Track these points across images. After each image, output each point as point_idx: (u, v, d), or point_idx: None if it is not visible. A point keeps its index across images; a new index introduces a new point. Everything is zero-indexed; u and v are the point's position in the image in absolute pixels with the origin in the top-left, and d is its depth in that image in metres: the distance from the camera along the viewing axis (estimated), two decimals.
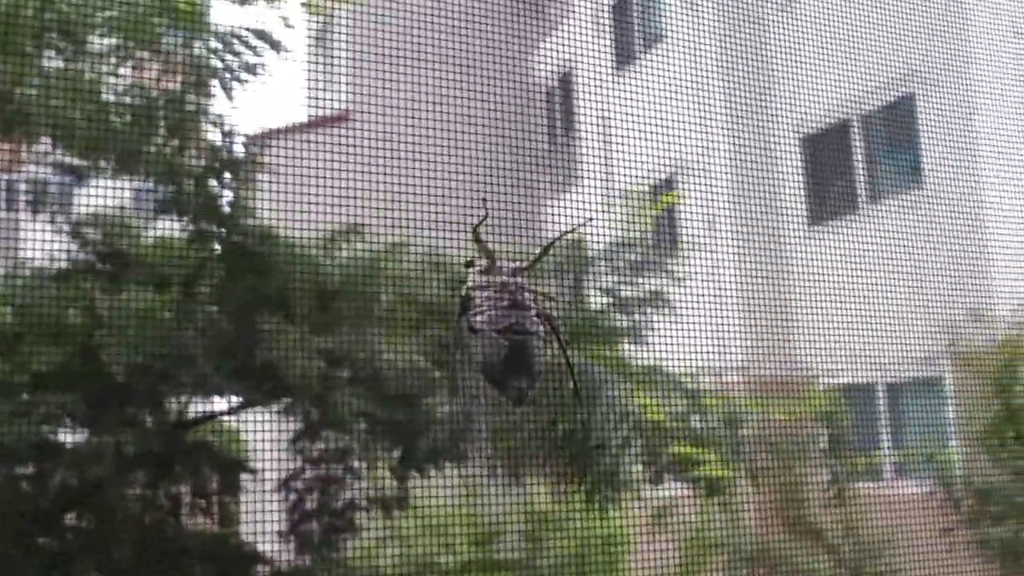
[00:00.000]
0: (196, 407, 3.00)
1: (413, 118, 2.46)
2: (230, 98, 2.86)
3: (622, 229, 3.14)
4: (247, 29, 2.86)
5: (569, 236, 2.75)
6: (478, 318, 1.39)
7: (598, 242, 2.98)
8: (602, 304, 3.06)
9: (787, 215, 2.99)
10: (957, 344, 3.26)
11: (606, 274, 3.06)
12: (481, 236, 1.43)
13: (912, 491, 3.25)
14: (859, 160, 4.43)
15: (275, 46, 2.89)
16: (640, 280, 3.06)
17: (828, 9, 2.98)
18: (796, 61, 2.90)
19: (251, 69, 2.86)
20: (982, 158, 3.46)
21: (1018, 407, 3.40)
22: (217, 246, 2.85)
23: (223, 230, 2.82)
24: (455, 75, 2.44)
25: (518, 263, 1.41)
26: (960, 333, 3.24)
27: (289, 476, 2.93)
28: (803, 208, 3.38)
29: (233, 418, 3.09)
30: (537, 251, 1.49)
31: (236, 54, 2.82)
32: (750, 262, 2.96)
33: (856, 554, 3.31)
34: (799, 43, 2.91)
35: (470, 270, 1.44)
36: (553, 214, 2.49)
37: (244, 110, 2.88)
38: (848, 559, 3.35)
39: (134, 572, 2.73)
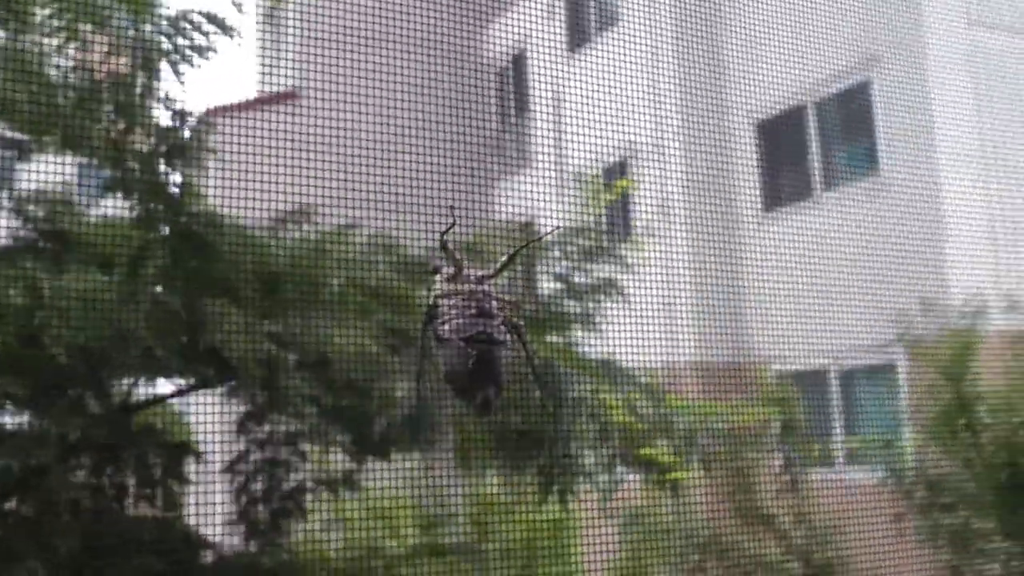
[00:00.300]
0: (141, 391, 2.97)
1: (363, 98, 2.44)
2: (179, 80, 2.82)
3: (575, 214, 3.14)
4: (198, 12, 2.83)
5: (536, 243, 2.74)
6: (444, 327, 1.38)
7: (551, 227, 2.97)
8: (554, 290, 3.06)
9: (741, 201, 2.99)
10: (910, 332, 3.28)
11: (558, 260, 3.06)
12: (448, 243, 1.42)
13: (863, 479, 3.27)
14: (814, 147, 4.45)
15: (226, 30, 2.86)
16: (592, 266, 3.06)
17: None
18: (751, 46, 2.90)
19: (201, 51, 2.83)
20: (937, 147, 3.49)
21: (969, 397, 3.43)
22: (164, 228, 2.82)
23: (170, 212, 2.78)
24: (406, 54, 2.43)
25: (484, 270, 1.40)
26: (913, 321, 3.26)
27: (235, 459, 2.91)
28: (757, 194, 3.38)
29: (179, 401, 3.07)
30: (502, 257, 1.48)
31: (186, 36, 2.79)
32: (703, 248, 2.96)
33: (806, 541, 3.33)
34: (754, 28, 2.91)
35: (436, 277, 1.43)
36: (504, 196, 2.48)
37: (193, 91, 2.84)
38: (798, 546, 3.37)
39: (77, 560, 2.69)
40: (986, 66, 3.63)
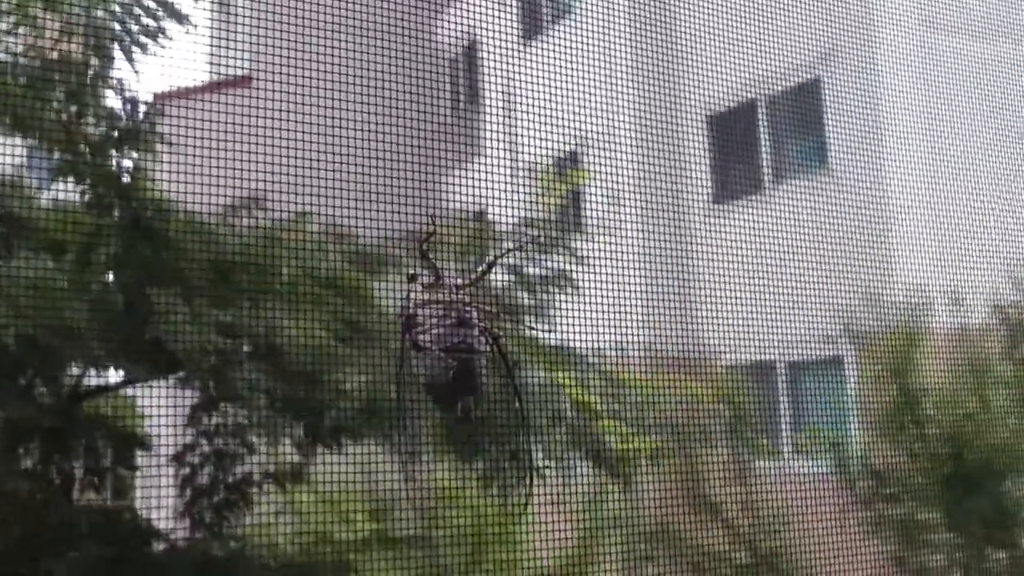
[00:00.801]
0: (90, 379, 2.97)
1: (315, 86, 2.46)
2: (132, 65, 2.83)
3: (528, 206, 3.18)
4: None
5: (516, 251, 2.76)
6: (423, 336, 1.40)
7: (503, 219, 3.01)
8: (506, 281, 3.09)
9: (692, 193, 3.05)
10: (857, 326, 3.35)
11: (511, 251, 3.09)
12: (427, 252, 1.43)
13: (810, 470, 3.34)
14: (765, 141, 4.52)
15: (178, 18, 2.87)
16: (545, 258, 3.09)
17: None
18: (705, 40, 2.96)
19: (153, 35, 2.83)
20: (886, 144, 3.57)
21: (915, 390, 3.51)
22: (115, 215, 2.82)
23: (120, 199, 2.79)
24: (359, 42, 2.46)
25: (462, 279, 1.41)
26: (860, 315, 3.33)
27: (183, 449, 2.92)
28: (708, 187, 3.44)
29: (129, 390, 3.07)
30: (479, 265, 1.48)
31: (138, 21, 2.80)
32: (654, 239, 3.01)
33: (753, 532, 3.39)
34: (708, 22, 2.97)
35: (412, 285, 1.44)
36: (454, 185, 2.52)
37: (145, 76, 2.86)
38: (745, 536, 3.43)
39: (22, 551, 2.70)
40: (937, 67, 3.71)
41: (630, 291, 3.07)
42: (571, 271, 3.00)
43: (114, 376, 3.01)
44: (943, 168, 3.56)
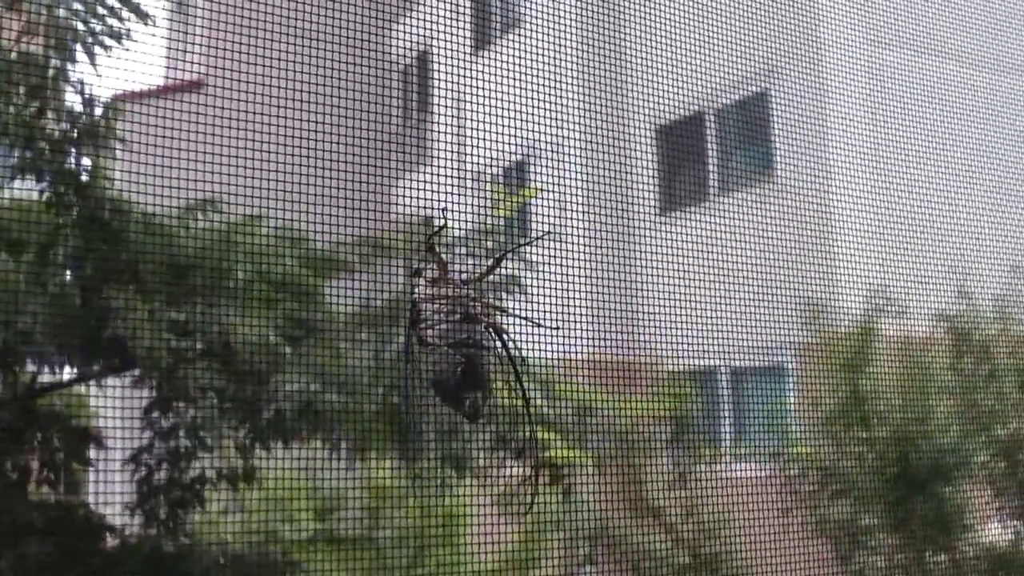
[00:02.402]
0: (46, 376, 3.06)
1: (268, 90, 2.56)
2: (93, 64, 2.91)
3: (479, 215, 3.29)
4: None
5: (523, 248, 2.81)
6: (429, 332, 1.43)
7: (454, 226, 3.13)
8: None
9: (639, 203, 3.17)
10: (802, 333, 3.49)
11: (463, 258, 3.20)
12: (435, 246, 1.47)
13: (753, 473, 3.47)
14: (712, 152, 4.66)
15: (141, 16, 2.96)
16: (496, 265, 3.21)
17: (686, 2, 3.19)
18: (653, 51, 3.09)
19: (116, 35, 2.91)
20: (832, 155, 3.72)
21: (862, 395, 3.65)
22: (74, 213, 2.91)
23: (79, 197, 2.88)
24: (313, 48, 2.56)
25: (468, 273, 1.46)
26: (805, 322, 3.47)
27: (138, 450, 3.02)
28: (655, 196, 3.57)
29: (83, 388, 3.16)
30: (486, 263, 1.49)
31: (101, 19, 2.88)
32: (601, 248, 3.13)
33: (696, 534, 3.52)
34: (657, 34, 3.10)
35: (417, 280, 1.48)
36: (404, 193, 2.64)
37: (104, 76, 2.94)
38: (687, 539, 3.56)
39: None
40: (882, 80, 3.86)
41: (576, 298, 3.19)
42: (520, 276, 3.12)
43: (70, 373, 3.10)
44: (888, 179, 3.71)
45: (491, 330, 1.47)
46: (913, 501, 3.62)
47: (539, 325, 2.10)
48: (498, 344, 1.48)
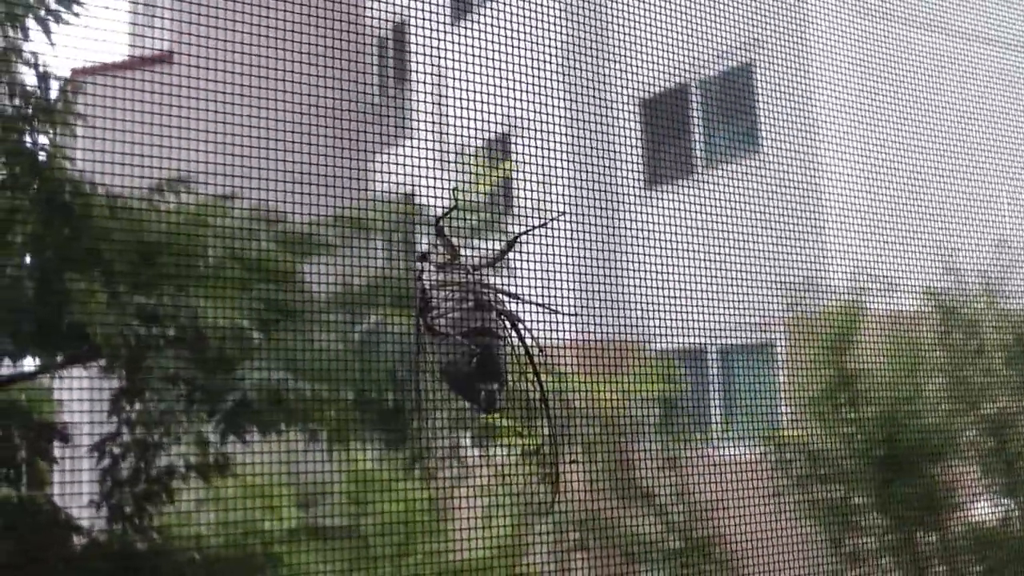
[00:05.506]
0: (5, 368, 2.99)
1: (239, 64, 2.50)
2: (48, 38, 2.84)
3: (459, 190, 3.24)
4: None
5: (533, 231, 2.80)
6: (441, 320, 1.39)
7: (432, 200, 3.08)
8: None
9: (623, 177, 3.14)
10: (790, 310, 3.47)
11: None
12: (444, 230, 1.42)
13: (742, 455, 3.45)
14: (697, 125, 4.64)
15: None
16: (477, 242, 3.17)
17: None
18: (637, 23, 3.05)
19: (69, 5, 2.84)
20: (819, 127, 3.70)
21: (850, 373, 3.65)
22: (31, 195, 2.84)
23: (36, 179, 2.81)
24: (286, 19, 2.50)
25: (479, 259, 1.41)
26: (793, 299, 3.46)
27: (102, 440, 2.95)
28: (640, 171, 3.54)
29: (46, 380, 3.09)
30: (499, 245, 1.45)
31: None
32: (585, 222, 3.10)
33: (686, 517, 3.50)
34: (640, 4, 3.06)
35: (424, 265, 1.43)
36: (381, 167, 2.58)
37: (61, 50, 2.87)
38: (677, 523, 3.54)
39: None
40: (870, 52, 3.85)
41: (560, 275, 3.15)
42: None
43: (31, 364, 3.03)
44: (876, 152, 3.70)
45: (504, 318, 1.43)
46: (902, 481, 3.62)
47: (554, 311, 2.04)
48: (512, 333, 1.44)
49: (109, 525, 2.96)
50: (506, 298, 1.46)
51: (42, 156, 2.83)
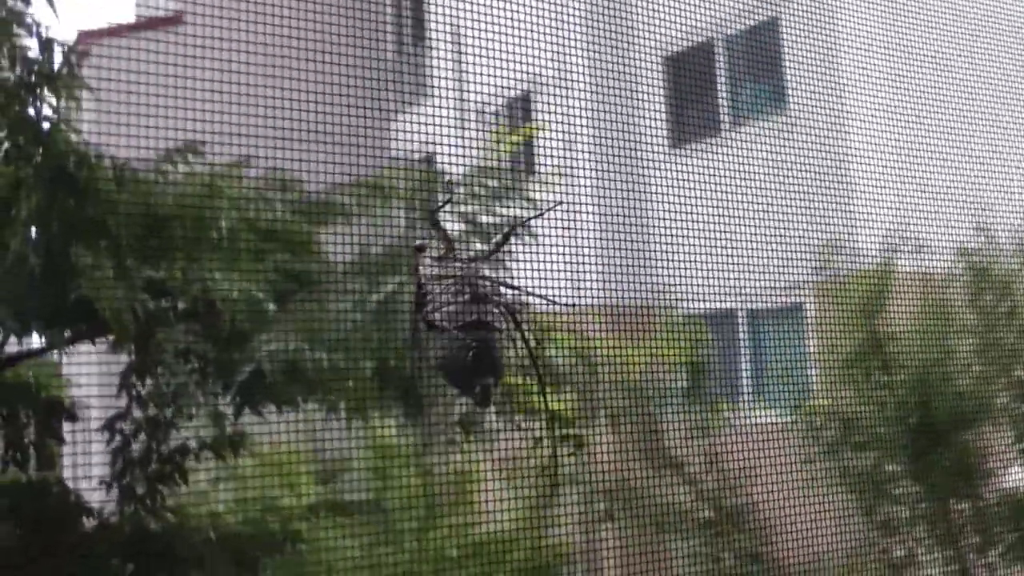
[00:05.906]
0: (13, 346, 2.93)
1: (252, 25, 2.42)
2: (51, 4, 2.76)
3: (479, 153, 3.16)
4: None
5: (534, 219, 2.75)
6: (437, 314, 1.35)
7: (453, 165, 3.00)
8: (460, 231, 3.08)
9: (648, 137, 3.05)
10: (819, 272, 3.40)
11: (464, 200, 3.07)
12: (440, 221, 1.38)
13: (773, 422, 3.39)
14: (722, 83, 4.55)
15: None
16: (499, 206, 3.08)
17: None
18: None
19: None
20: (846, 85, 3.61)
21: (882, 336, 3.57)
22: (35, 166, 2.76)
23: (40, 149, 2.73)
24: None
25: (477, 250, 1.37)
26: (822, 261, 3.38)
27: (112, 418, 2.88)
28: (665, 130, 3.45)
29: (54, 355, 3.03)
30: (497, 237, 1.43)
31: None
32: (609, 184, 3.02)
33: (717, 486, 3.44)
34: None
35: (421, 256, 1.40)
36: (401, 130, 2.50)
37: (65, 15, 2.78)
38: (709, 491, 3.48)
39: None
40: (897, 6, 3.75)
41: (585, 239, 3.08)
42: (527, 220, 3.00)
43: (39, 342, 2.96)
44: (905, 110, 3.60)
45: (503, 310, 1.39)
46: (935, 449, 3.55)
47: (552, 303, 2.03)
48: (511, 326, 1.41)
49: (120, 506, 2.89)
50: (504, 289, 1.42)
51: (46, 126, 2.74)
